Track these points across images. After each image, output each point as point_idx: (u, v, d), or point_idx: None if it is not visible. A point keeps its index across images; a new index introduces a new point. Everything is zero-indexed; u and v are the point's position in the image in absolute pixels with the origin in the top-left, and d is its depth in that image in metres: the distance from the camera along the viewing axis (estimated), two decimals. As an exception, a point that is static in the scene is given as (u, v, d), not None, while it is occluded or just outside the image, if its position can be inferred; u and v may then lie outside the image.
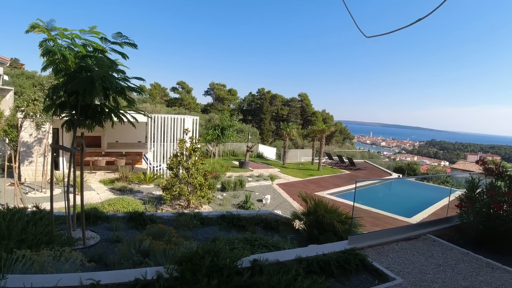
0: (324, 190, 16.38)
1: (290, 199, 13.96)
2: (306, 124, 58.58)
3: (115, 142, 18.61)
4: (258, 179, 17.84)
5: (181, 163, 11.14)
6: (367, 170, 25.40)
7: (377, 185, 19.19)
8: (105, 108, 5.69)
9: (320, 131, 24.86)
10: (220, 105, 58.36)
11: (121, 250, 4.91)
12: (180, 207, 11.07)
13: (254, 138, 36.53)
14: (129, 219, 7.30)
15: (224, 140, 22.61)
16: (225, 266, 3.43)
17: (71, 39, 5.66)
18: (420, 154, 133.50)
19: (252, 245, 5.17)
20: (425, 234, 6.61)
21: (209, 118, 36.83)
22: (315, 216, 7.23)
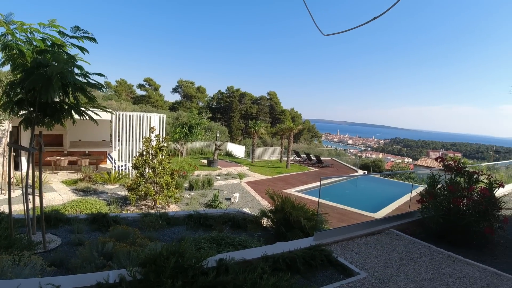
0: (292, 187, 16.56)
1: (259, 197, 14.01)
2: (275, 122, 58.97)
3: (78, 141, 17.97)
4: (226, 177, 17.78)
5: (147, 162, 10.90)
6: (334, 167, 25.92)
7: (344, 182, 19.61)
8: (65, 105, 5.46)
9: (288, 129, 25.11)
10: (189, 103, 57.68)
11: (83, 253, 4.76)
12: (147, 208, 10.84)
13: (223, 136, 36.38)
14: (92, 221, 7.07)
15: (192, 138, 22.34)
16: (190, 267, 3.39)
17: (30, 33, 5.40)
18: (385, 152, 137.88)
19: (219, 244, 5.15)
20: (389, 228, 6.82)
21: (177, 116, 36.32)
22: (283, 214, 7.29)
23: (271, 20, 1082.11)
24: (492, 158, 59.79)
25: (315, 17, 4.89)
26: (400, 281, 4.45)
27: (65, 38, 5.49)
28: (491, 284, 4.54)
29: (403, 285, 4.33)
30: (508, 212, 9.72)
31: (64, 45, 5.52)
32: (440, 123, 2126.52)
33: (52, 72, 4.60)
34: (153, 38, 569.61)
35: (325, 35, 5.26)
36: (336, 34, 5.37)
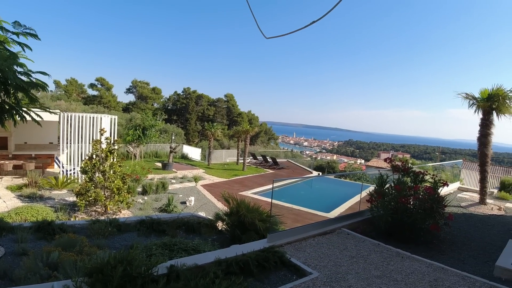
0: (248, 189, 16.61)
1: (215, 200, 13.92)
2: (232, 124, 59.03)
3: (23, 144, 16.91)
4: (182, 180, 17.50)
5: (97, 166, 10.46)
6: (290, 169, 26.34)
7: (299, 183, 19.96)
8: (5, 105, 5.12)
9: (245, 132, 25.19)
10: (144, 104, 56.26)
11: (27, 263, 4.49)
12: (97, 214, 10.40)
13: (179, 138, 35.82)
14: (36, 229, 6.66)
15: (145, 140, 21.75)
16: (139, 275, 3.30)
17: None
18: (338, 153, 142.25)
19: (171, 250, 5.05)
20: (340, 228, 7.03)
21: (130, 117, 35.29)
22: (237, 216, 7.29)
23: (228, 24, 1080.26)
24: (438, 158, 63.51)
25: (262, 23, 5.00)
26: (351, 279, 4.60)
27: (7, 34, 5.17)
28: (438, 279, 4.81)
29: (354, 283, 4.48)
30: (453, 209, 10.39)
31: (6, 42, 5.20)
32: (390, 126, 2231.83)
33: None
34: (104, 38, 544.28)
35: (267, 38, 5.40)
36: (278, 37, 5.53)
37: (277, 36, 5.50)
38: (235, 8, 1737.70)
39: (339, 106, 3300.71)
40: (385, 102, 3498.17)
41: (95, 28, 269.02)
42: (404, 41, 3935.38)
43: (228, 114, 63.13)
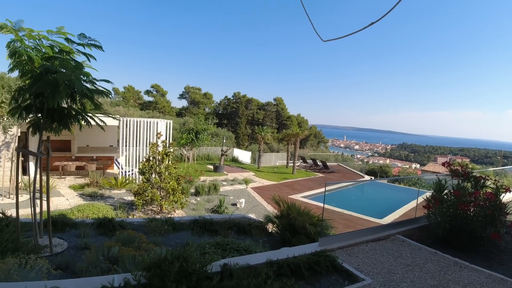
0: (298, 193, 16.53)
1: (264, 202, 14.00)
2: (281, 128, 59.00)
3: (85, 146, 18.14)
4: (232, 183, 17.80)
5: (153, 167, 10.97)
6: (341, 173, 25.83)
7: (350, 187, 19.52)
8: (72, 111, 5.54)
9: (295, 135, 25.11)
10: (195, 109, 57.96)
11: (89, 257, 4.78)
12: (153, 213, 10.89)
13: (229, 142, 36.46)
14: (98, 226, 7.12)
15: (198, 144, 22.43)
16: (194, 271, 3.40)
17: (38, 40, 5.50)
18: (392, 157, 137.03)
19: (224, 250, 5.15)
20: (395, 234, 6.77)
21: (183, 121, 36.50)
22: (288, 219, 7.28)
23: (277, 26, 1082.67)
24: (500, 163, 59.12)
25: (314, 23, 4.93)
26: (406, 287, 4.42)
27: (73, 45, 5.57)
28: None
29: (409, 292, 4.30)
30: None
31: (72, 52, 5.61)
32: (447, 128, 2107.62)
33: (60, 79, 4.68)
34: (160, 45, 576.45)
35: (324, 41, 5.28)
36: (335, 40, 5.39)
37: (335, 39, 5.38)
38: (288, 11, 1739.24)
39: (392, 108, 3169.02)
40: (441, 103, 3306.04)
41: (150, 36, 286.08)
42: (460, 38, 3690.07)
43: (277, 117, 63.21)
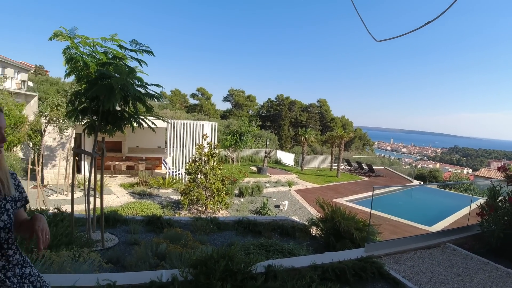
0: (342, 196, 16.22)
1: (308, 205, 13.88)
2: (325, 130, 58.20)
3: (135, 147, 18.96)
4: (275, 185, 17.81)
5: (199, 168, 11.25)
6: (387, 177, 25.01)
7: (397, 192, 18.85)
8: (125, 114, 5.83)
9: (339, 137, 24.65)
10: (239, 111, 58.67)
11: (138, 252, 4.98)
12: (198, 212, 11.16)
13: (273, 144, 36.54)
14: (147, 223, 7.41)
15: (242, 146, 22.69)
16: (239, 271, 3.45)
17: (92, 47, 5.84)
18: (442, 161, 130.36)
19: (268, 251, 5.17)
20: (445, 242, 6.45)
21: (227, 124, 37.07)
22: (332, 223, 7.17)
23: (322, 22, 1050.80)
24: None
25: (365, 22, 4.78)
26: (457, 298, 4.21)
27: (125, 51, 5.86)
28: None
29: (460, 303, 4.09)
30: None
31: (124, 58, 5.90)
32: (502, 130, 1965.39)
33: (115, 83, 4.94)
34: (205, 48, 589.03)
35: (378, 41, 5.09)
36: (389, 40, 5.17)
37: (389, 39, 5.15)
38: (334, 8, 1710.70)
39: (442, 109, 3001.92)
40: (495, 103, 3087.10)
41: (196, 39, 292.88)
42: None
43: (321, 119, 62.41)
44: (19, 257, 1.72)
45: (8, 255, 1.65)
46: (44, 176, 14.94)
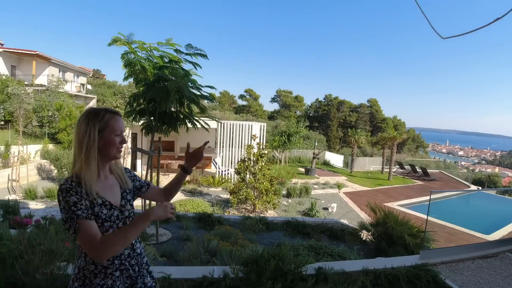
0: (394, 201, 15.66)
1: (357, 208, 13.57)
2: (376, 131, 56.46)
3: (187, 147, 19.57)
4: (324, 186, 17.60)
5: (248, 168, 11.41)
6: (443, 181, 23.76)
7: (453, 198, 17.85)
8: (180, 115, 6.07)
9: (391, 139, 23.79)
10: (287, 112, 58.56)
11: (190, 248, 5.15)
12: (246, 211, 11.33)
13: (321, 145, 36.10)
14: (198, 219, 7.65)
15: (290, 146, 22.67)
16: (289, 271, 3.47)
17: (149, 51, 6.15)
18: (501, 165, 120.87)
19: (317, 253, 5.14)
20: (504, 252, 6.05)
21: (275, 124, 37.19)
22: (384, 228, 6.97)
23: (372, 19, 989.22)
24: None
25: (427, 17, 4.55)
26: (519, 312, 3.94)
27: (181, 55, 6.10)
28: None
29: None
30: None
31: (180, 61, 6.15)
32: None
33: (171, 86, 5.17)
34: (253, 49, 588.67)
35: (444, 38, 4.81)
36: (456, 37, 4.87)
37: (456, 36, 4.88)
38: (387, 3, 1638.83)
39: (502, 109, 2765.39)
40: None
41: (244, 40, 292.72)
42: None
43: (371, 120, 60.55)
44: (140, 246, 1.83)
45: (133, 244, 1.74)
46: (103, 172, 15.84)
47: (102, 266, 1.59)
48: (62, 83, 24.48)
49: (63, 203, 1.50)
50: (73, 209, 1.49)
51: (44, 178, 16.74)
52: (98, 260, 1.54)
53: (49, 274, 2.96)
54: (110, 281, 1.60)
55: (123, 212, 1.70)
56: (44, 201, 12.49)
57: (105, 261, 1.58)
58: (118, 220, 1.67)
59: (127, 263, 1.68)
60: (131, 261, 1.71)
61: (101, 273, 1.59)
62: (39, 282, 2.89)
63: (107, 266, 1.60)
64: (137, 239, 1.80)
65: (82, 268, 1.60)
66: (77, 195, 1.51)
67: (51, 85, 23.29)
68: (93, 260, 1.58)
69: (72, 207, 1.49)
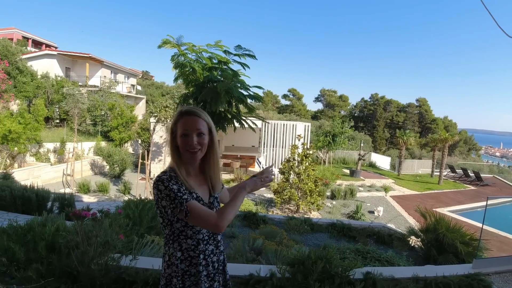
0: (444, 206, 14.95)
1: (405, 213, 13.11)
2: (425, 132, 54.15)
3: (231, 146, 19.92)
4: (369, 189, 17.17)
5: (293, 168, 11.40)
6: (496, 186, 22.32)
7: (508, 204, 16.77)
8: (228, 115, 6.21)
9: (442, 140, 22.65)
10: (331, 112, 57.68)
11: (236, 245, 5.24)
12: (290, 211, 11.33)
13: (366, 146, 35.20)
14: (243, 218, 7.76)
15: (335, 147, 22.32)
16: (336, 274, 3.45)
17: (199, 53, 6.34)
18: None
19: (364, 258, 5.05)
20: None
21: (319, 124, 36.77)
22: (435, 234, 6.70)
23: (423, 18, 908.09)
24: None
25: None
26: None
27: (229, 56, 6.25)
28: None
29: None
30: None
31: (228, 62, 6.29)
32: None
33: (221, 88, 5.31)
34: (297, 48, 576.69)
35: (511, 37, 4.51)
36: None
37: None
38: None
39: None
40: None
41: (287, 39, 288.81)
42: None
43: (420, 120, 58.04)
44: (223, 243, 1.88)
45: (217, 240, 1.80)
46: (151, 169, 16.52)
47: (188, 255, 1.69)
48: (114, 84, 25.80)
49: (167, 191, 1.58)
50: (179, 194, 1.57)
51: (97, 173, 17.75)
52: (218, 231, 1.59)
53: (103, 264, 3.13)
54: (193, 270, 1.69)
55: (212, 209, 1.76)
56: (96, 195, 13.26)
57: (191, 252, 1.68)
58: None
59: (210, 259, 1.75)
60: (213, 257, 1.77)
61: (187, 260, 1.69)
62: (94, 272, 3.07)
63: (193, 256, 1.69)
64: (221, 236, 1.85)
65: (170, 255, 1.71)
66: (177, 184, 1.61)
67: (104, 86, 24.64)
68: (180, 247, 1.68)
69: (177, 193, 1.57)
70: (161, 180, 1.60)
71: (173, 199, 1.56)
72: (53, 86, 22.04)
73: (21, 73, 20.36)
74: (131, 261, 3.35)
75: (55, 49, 27.53)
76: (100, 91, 23.47)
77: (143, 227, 5.03)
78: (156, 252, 4.18)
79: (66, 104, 19.86)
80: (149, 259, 3.78)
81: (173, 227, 1.66)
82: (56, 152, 16.93)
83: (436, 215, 7.27)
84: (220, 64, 6.21)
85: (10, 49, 21.14)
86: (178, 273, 1.67)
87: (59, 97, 21.25)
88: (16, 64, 20.16)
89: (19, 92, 19.69)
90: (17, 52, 21.73)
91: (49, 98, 21.22)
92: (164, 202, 1.59)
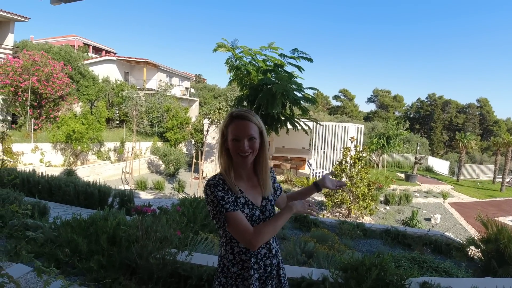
0: (506, 215, 13.94)
1: (464, 222, 12.39)
2: (486, 135, 50.63)
3: (281, 147, 19.98)
4: (426, 195, 16.41)
5: (345, 171, 11.22)
6: None
7: None
8: (282, 117, 6.28)
9: (505, 144, 21.01)
10: (384, 113, 55.79)
11: (287, 247, 5.27)
12: (341, 215, 11.16)
13: (423, 149, 33.61)
14: (294, 220, 7.78)
15: (389, 150, 21.55)
16: (391, 282, 3.39)
17: (253, 56, 6.47)
18: None
19: (420, 267, 4.88)
20: None
21: (372, 126, 35.73)
22: (496, 245, 6.30)
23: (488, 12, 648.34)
24: None
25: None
26: None
27: (284, 59, 6.32)
28: None
29: None
30: None
31: (283, 65, 6.36)
32: None
33: (276, 90, 5.39)
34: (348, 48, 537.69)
35: None
36: None
37: None
38: None
39: None
40: None
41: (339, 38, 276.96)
42: None
43: (481, 122, 54.23)
44: (276, 246, 1.86)
45: (270, 243, 1.78)
46: (204, 169, 17.03)
47: (240, 258, 1.71)
48: (169, 87, 26.91)
49: (212, 197, 1.63)
50: (222, 203, 1.61)
51: (153, 172, 18.64)
52: (251, 248, 1.64)
53: (161, 259, 3.31)
54: (246, 274, 1.71)
55: (264, 212, 1.77)
56: (153, 192, 13.95)
57: (243, 255, 1.71)
58: (259, 220, 1.74)
59: (262, 263, 1.74)
60: (266, 261, 1.76)
61: (238, 264, 1.71)
62: (151, 265, 3.25)
63: (244, 260, 1.72)
64: (274, 239, 1.83)
65: (222, 257, 1.77)
66: (223, 190, 1.65)
67: (160, 89, 25.78)
68: (232, 250, 1.72)
69: (220, 201, 1.61)
70: (208, 185, 1.66)
71: (215, 206, 1.62)
72: (113, 89, 23.53)
73: (84, 77, 21.89)
74: (186, 257, 3.47)
75: (114, 54, 29.24)
76: (157, 94, 24.60)
77: (197, 224, 5.23)
78: (210, 249, 4.32)
79: (126, 106, 21.14)
80: (204, 255, 3.92)
81: (225, 230, 1.70)
82: (116, 151, 18.01)
83: (498, 224, 6.83)
84: (275, 67, 6.30)
85: (73, 55, 22.88)
86: (231, 277, 1.72)
87: (119, 99, 22.63)
88: (78, 69, 21.70)
89: (81, 95, 21.19)
90: (79, 58, 23.46)
91: (109, 101, 22.64)
92: (209, 207, 1.66)
